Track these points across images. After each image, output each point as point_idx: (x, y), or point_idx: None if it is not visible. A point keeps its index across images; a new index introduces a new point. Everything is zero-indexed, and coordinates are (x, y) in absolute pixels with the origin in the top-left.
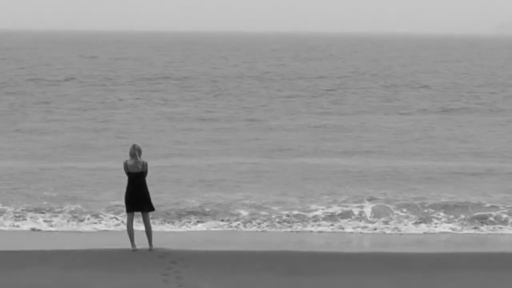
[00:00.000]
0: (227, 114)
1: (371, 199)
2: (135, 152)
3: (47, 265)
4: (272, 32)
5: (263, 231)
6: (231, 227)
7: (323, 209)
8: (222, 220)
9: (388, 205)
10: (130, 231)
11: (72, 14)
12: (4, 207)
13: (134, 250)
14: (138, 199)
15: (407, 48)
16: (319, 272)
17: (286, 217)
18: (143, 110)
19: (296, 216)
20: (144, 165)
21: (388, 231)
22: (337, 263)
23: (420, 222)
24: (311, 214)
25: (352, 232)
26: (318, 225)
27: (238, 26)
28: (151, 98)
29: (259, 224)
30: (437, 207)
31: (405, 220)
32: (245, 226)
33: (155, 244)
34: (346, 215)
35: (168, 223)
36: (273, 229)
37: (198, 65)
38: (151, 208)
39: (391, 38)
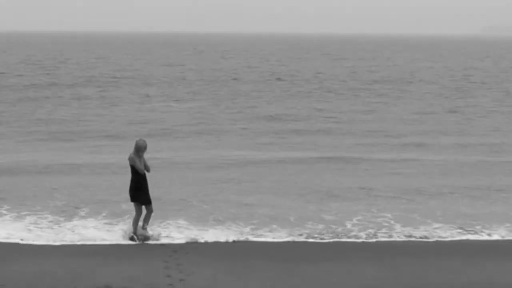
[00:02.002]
0: None
1: None
2: (134, 146)
3: (55, 255)
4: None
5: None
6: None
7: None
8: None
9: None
10: (133, 219)
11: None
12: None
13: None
14: (131, 190)
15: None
16: (311, 260)
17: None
18: None
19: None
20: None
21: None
22: (329, 252)
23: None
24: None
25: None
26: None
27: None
28: None
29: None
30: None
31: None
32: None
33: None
34: None
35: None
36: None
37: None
38: (143, 201)
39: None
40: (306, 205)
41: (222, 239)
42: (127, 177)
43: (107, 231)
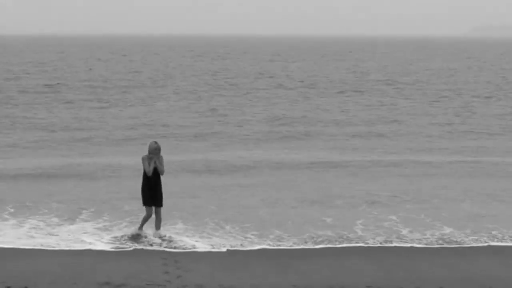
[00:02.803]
0: None
1: None
2: None
3: (55, 254)
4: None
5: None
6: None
7: None
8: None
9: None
10: (143, 218)
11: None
12: None
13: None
14: (144, 192)
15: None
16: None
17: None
18: None
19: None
20: None
21: None
22: (327, 251)
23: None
24: None
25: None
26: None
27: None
28: None
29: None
30: None
31: None
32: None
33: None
34: None
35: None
36: None
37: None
38: (157, 203)
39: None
40: (307, 209)
41: (223, 248)
42: (130, 180)
43: (108, 235)
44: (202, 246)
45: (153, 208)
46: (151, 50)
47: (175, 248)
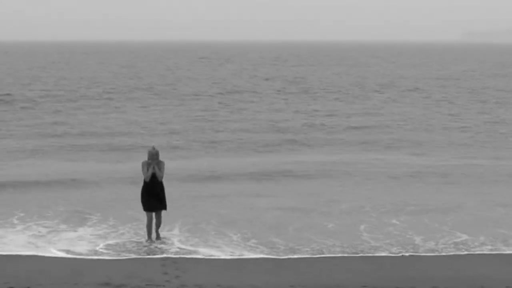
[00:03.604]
0: None
1: None
2: None
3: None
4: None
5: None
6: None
7: None
8: None
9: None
10: (147, 225)
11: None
12: None
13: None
14: (144, 197)
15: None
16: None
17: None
18: None
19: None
20: None
21: None
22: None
23: None
24: None
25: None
26: None
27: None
28: None
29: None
30: None
31: None
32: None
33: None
34: None
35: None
36: None
37: None
38: (160, 207)
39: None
40: (309, 213)
41: (223, 256)
42: (133, 185)
43: (109, 240)
44: (201, 251)
45: (153, 214)
46: (157, 55)
47: (175, 252)
